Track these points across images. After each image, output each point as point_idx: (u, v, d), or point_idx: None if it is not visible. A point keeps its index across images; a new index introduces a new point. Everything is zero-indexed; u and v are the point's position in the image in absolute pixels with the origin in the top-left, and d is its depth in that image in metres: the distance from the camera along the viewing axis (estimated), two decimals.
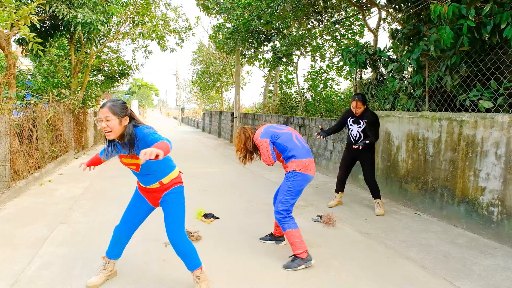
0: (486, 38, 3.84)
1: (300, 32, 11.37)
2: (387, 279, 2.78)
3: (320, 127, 4.60)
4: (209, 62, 22.08)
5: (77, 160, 8.79)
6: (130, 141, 2.23)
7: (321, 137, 4.46)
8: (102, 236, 3.58)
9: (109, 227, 3.85)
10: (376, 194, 4.52)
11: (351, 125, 4.54)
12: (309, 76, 14.59)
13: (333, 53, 13.00)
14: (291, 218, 3.01)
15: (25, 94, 8.17)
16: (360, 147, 4.25)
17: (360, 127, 4.44)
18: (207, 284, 2.51)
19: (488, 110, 3.88)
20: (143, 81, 47.79)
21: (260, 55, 13.38)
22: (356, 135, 4.50)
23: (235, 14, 9.79)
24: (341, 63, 13.16)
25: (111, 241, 2.63)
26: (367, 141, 4.29)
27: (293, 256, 2.97)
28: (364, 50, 5.85)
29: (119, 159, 2.39)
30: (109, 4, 8.00)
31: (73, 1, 7.38)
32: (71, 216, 4.20)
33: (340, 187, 4.79)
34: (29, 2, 6.52)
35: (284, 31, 10.52)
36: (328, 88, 14.45)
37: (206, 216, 4.17)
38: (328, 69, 14.14)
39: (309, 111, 12.31)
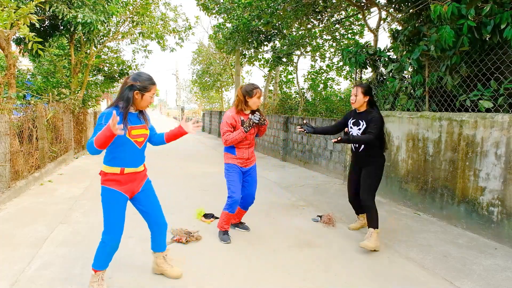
0: (487, 38, 3.84)
1: (300, 32, 11.37)
2: (387, 279, 2.78)
3: (304, 121, 3.71)
4: (209, 62, 22.09)
5: (77, 160, 8.79)
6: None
7: (304, 131, 3.64)
8: None
9: None
10: (369, 220, 3.38)
11: (351, 127, 3.59)
12: (309, 76, 14.58)
13: (333, 53, 12.99)
14: None
15: (25, 94, 8.16)
16: (335, 140, 3.12)
17: (359, 128, 3.49)
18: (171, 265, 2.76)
19: (488, 110, 3.88)
20: None
21: (260, 55, 13.38)
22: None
23: (235, 14, 9.79)
24: (341, 63, 13.15)
25: (104, 254, 2.42)
26: (354, 138, 3.26)
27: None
28: (364, 50, 5.85)
29: (128, 133, 2.32)
30: (109, 3, 8.00)
31: (73, 1, 7.38)
32: (71, 216, 4.20)
33: (357, 209, 3.87)
34: (29, 0, 6.52)
35: (284, 31, 10.52)
36: (328, 88, 14.44)
37: (206, 216, 4.17)
38: (328, 69, 14.14)
39: (309, 111, 12.30)
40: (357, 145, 3.53)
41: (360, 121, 3.51)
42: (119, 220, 2.40)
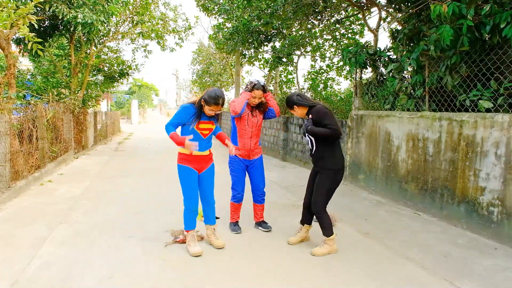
0: (487, 38, 3.84)
1: (300, 32, 11.36)
2: (387, 279, 2.78)
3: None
4: (209, 62, 22.06)
5: (77, 160, 8.79)
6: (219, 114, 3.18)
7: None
8: (102, 236, 3.58)
9: (109, 227, 3.85)
10: (324, 229, 3.21)
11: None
12: (309, 76, 14.57)
13: (333, 53, 12.99)
14: None
15: (25, 94, 8.16)
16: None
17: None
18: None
19: (488, 110, 3.88)
20: (143, 81, 47.76)
21: (260, 55, 13.37)
22: (308, 141, 3.30)
23: (235, 15, 9.79)
24: (341, 63, 13.15)
25: (188, 217, 3.19)
26: (310, 127, 3.09)
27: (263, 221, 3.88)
28: (364, 50, 5.85)
29: (196, 125, 3.06)
30: (109, 3, 7.99)
31: (73, 1, 7.38)
32: (71, 216, 4.20)
33: (305, 218, 3.48)
34: (28, 1, 6.52)
35: (284, 31, 10.52)
36: (328, 88, 14.43)
37: None
38: (328, 69, 14.13)
39: None
40: (309, 145, 3.29)
41: (305, 120, 3.29)
42: (192, 188, 3.13)
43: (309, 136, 3.22)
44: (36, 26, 6.18)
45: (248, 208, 4.39)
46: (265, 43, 10.56)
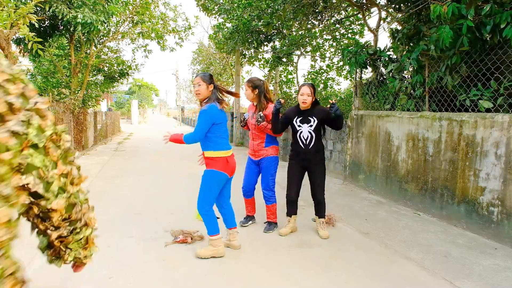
0: (488, 38, 3.84)
1: (300, 32, 11.36)
2: (387, 279, 2.78)
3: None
4: (209, 62, 22.07)
5: (77, 160, 8.78)
6: None
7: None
8: (102, 236, 3.57)
9: (109, 227, 3.85)
10: (323, 212, 3.76)
11: (299, 126, 3.52)
12: (309, 76, 14.57)
13: (333, 53, 12.99)
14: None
15: None
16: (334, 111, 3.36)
17: (311, 125, 3.49)
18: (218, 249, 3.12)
19: (488, 110, 3.88)
20: (143, 81, 47.79)
21: (260, 55, 13.37)
22: (308, 136, 3.50)
23: (235, 15, 9.79)
24: (341, 63, 13.15)
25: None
26: (337, 111, 3.37)
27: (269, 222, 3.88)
28: (364, 50, 5.85)
29: None
30: (109, 3, 8.00)
31: (73, 1, 7.38)
32: None
33: (293, 209, 3.77)
34: (28, 1, 6.52)
35: (284, 31, 10.52)
36: (328, 88, 14.43)
37: None
38: (328, 69, 14.13)
39: None
40: (306, 141, 3.52)
41: (310, 118, 3.49)
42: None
43: (312, 131, 3.49)
44: (36, 25, 6.19)
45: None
46: (265, 43, 10.56)
